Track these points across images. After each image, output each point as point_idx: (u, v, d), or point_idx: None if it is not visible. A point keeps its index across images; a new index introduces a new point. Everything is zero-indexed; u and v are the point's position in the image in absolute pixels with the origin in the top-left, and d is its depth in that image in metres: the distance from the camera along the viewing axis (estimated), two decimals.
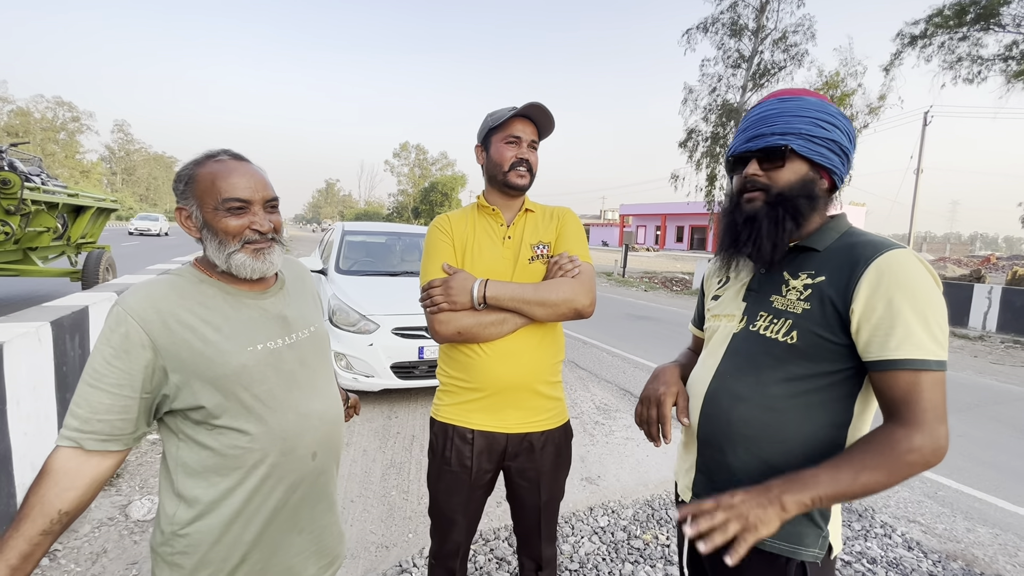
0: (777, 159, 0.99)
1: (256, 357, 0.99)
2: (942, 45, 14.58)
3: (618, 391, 5.20)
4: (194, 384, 0.94)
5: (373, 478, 3.10)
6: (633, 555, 2.47)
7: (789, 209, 0.98)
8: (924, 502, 3.21)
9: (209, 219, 0.99)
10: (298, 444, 1.04)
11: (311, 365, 1.11)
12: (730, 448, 1.00)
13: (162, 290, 0.96)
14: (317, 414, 1.08)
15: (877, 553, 2.59)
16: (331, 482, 1.16)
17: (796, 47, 17.37)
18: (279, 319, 1.07)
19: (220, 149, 1.04)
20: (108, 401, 0.89)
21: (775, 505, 0.82)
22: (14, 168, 5.89)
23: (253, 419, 0.98)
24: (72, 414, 0.89)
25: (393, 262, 5.47)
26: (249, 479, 0.99)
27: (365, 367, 4.04)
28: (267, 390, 1.00)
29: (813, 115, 0.98)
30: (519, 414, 1.46)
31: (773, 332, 0.98)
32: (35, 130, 50.52)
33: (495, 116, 1.48)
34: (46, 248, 7.28)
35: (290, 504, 1.05)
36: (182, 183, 1.01)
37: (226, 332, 0.98)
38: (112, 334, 0.90)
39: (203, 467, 0.97)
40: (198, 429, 0.97)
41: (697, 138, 19.08)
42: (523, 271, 1.47)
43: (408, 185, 54.63)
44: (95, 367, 0.89)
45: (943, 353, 0.86)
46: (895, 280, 0.87)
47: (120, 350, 0.89)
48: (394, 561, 2.34)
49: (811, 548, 0.94)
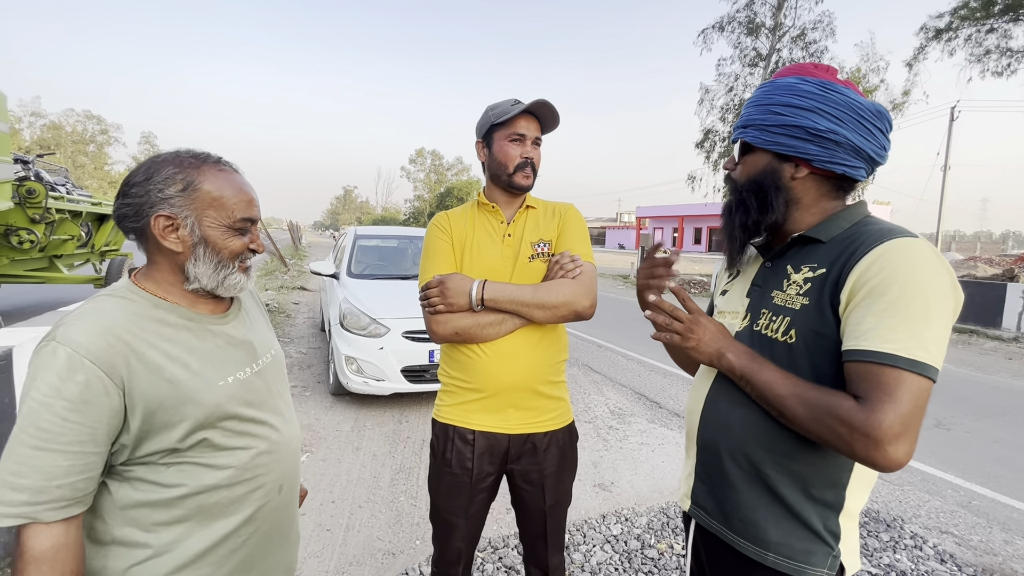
0: (744, 151, 0.99)
1: (228, 391, 0.89)
2: (968, 38, 14.15)
3: (633, 395, 5.09)
4: (159, 432, 0.82)
5: (382, 483, 3.07)
6: (647, 565, 2.38)
7: (740, 204, 0.98)
8: (958, 512, 3.05)
9: (212, 236, 0.88)
10: (267, 479, 0.95)
11: (276, 392, 1.02)
12: (728, 455, 0.94)
13: (116, 320, 0.81)
14: (285, 444, 0.99)
15: (907, 566, 2.46)
16: (293, 516, 1.05)
17: (815, 44, 17.05)
18: (244, 345, 0.97)
19: (206, 152, 0.93)
20: (66, 463, 0.74)
21: (718, 351, 0.93)
22: (40, 178, 6.07)
23: (222, 457, 0.88)
24: (11, 486, 0.72)
25: (405, 266, 5.48)
26: (214, 522, 0.88)
27: (376, 371, 4.02)
28: (238, 425, 0.90)
29: (773, 100, 0.93)
30: (520, 414, 1.41)
31: (772, 331, 0.91)
32: (66, 143, 52.36)
33: (497, 112, 1.42)
34: (71, 256, 7.48)
35: (248, 542, 0.94)
36: (174, 186, 0.86)
37: (194, 368, 0.86)
38: (64, 384, 0.74)
39: (157, 509, 0.85)
40: (156, 469, 0.85)
41: (714, 138, 18.83)
42: (523, 270, 1.43)
43: (424, 191, 55.12)
44: (39, 426, 0.73)
45: (925, 355, 0.74)
46: (890, 265, 0.78)
47: (79, 402, 0.74)
48: (400, 568, 2.29)
49: (819, 568, 0.87)
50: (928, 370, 0.74)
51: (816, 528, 0.87)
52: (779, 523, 0.89)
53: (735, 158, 1.02)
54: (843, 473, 0.87)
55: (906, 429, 0.73)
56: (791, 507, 0.88)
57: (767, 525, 0.89)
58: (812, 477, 0.87)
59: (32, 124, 52.58)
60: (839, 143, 0.88)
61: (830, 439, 0.78)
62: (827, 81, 0.90)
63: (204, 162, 0.90)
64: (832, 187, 0.94)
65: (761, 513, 0.90)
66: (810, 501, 0.87)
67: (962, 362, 7.20)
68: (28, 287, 8.33)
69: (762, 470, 0.90)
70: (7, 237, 5.54)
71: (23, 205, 5.54)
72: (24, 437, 0.73)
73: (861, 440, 0.74)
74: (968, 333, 9.12)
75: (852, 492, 0.88)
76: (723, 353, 0.93)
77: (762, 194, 0.95)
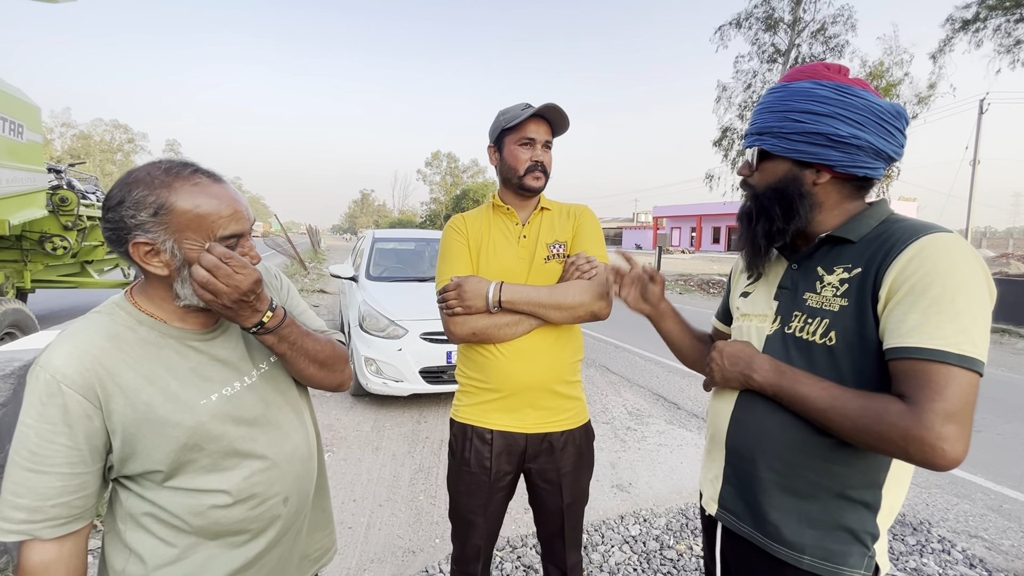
0: (762, 157, 0.98)
1: (211, 410, 0.86)
2: (998, 28, 13.70)
3: (651, 396, 5.06)
4: (140, 454, 0.82)
5: (401, 482, 3.11)
6: (666, 566, 2.37)
7: (762, 211, 0.97)
8: (987, 515, 2.96)
9: (194, 257, 0.82)
10: (269, 494, 0.92)
11: (275, 403, 0.97)
12: (762, 459, 0.93)
13: (94, 343, 0.80)
14: (287, 456, 0.96)
15: (934, 570, 2.40)
16: (303, 525, 1.03)
17: (836, 38, 16.69)
18: (230, 360, 0.93)
19: (181, 162, 0.86)
20: (59, 484, 0.76)
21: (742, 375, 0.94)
22: (72, 187, 6.28)
23: (212, 480, 0.86)
24: (11, 505, 0.74)
25: (422, 268, 5.53)
26: (226, 540, 0.88)
27: (394, 372, 4.08)
28: (227, 446, 0.87)
29: (790, 107, 0.91)
30: (538, 414, 1.43)
31: (809, 334, 0.90)
32: (95, 152, 54.08)
33: (507, 116, 1.45)
34: (101, 261, 7.72)
35: (266, 559, 0.94)
36: (145, 211, 0.80)
37: (173, 388, 0.83)
38: (46, 408, 0.75)
39: (157, 525, 0.85)
40: (149, 488, 0.85)
41: (732, 136, 18.56)
42: (539, 271, 1.44)
43: (440, 193, 55.46)
44: (30, 448, 0.75)
45: (973, 349, 0.74)
46: (929, 261, 0.77)
47: (62, 424, 0.75)
48: (420, 566, 2.32)
49: (855, 569, 0.86)
50: (977, 364, 0.74)
51: (853, 529, 0.86)
52: (815, 525, 0.88)
53: (751, 164, 1.01)
54: (880, 473, 0.86)
55: (961, 426, 0.73)
56: (828, 509, 0.88)
57: (803, 528, 0.89)
58: (850, 478, 0.86)
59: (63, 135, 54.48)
60: (861, 147, 0.88)
61: (881, 446, 0.77)
62: (843, 84, 0.89)
63: (176, 177, 0.82)
64: (853, 188, 0.94)
65: (796, 516, 0.90)
66: (848, 502, 0.87)
67: (994, 362, 6.98)
68: (61, 292, 8.64)
69: (799, 473, 0.89)
70: (42, 244, 5.75)
71: (56, 213, 5.75)
72: (18, 459, 0.75)
73: (916, 443, 0.73)
74: (1000, 332, 8.82)
75: (889, 491, 0.87)
76: (749, 376, 0.92)
77: (786, 202, 0.93)
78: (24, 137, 4.84)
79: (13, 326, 4.28)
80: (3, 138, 4.48)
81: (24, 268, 5.85)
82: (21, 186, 4.78)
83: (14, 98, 4.74)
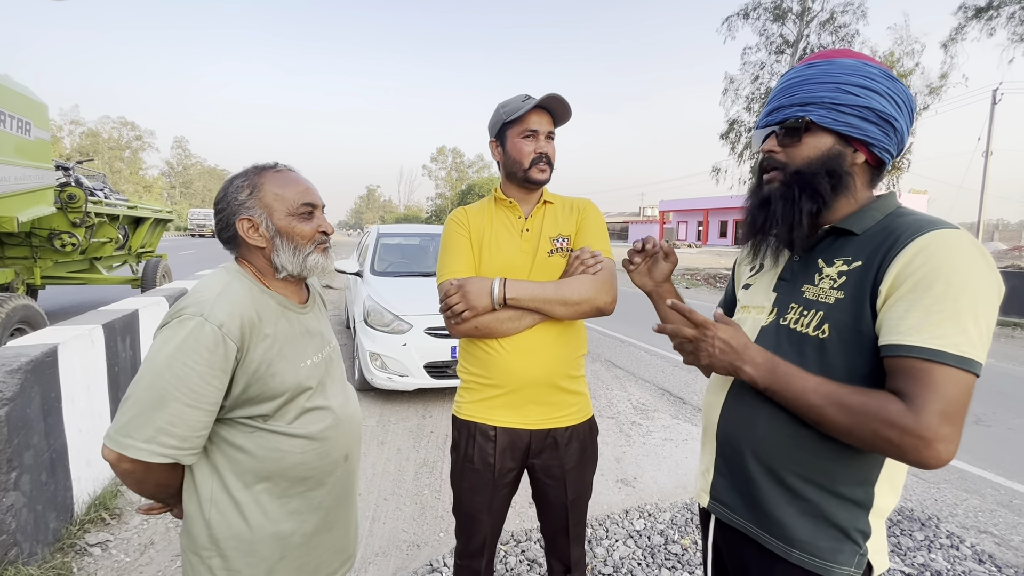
0: (796, 133, 0.91)
1: (307, 372, 1.06)
2: (1012, 16, 13.47)
3: (656, 390, 5.04)
4: (252, 400, 0.98)
5: (406, 477, 3.13)
6: (670, 560, 2.37)
7: (806, 189, 0.90)
8: (997, 511, 2.93)
9: (282, 226, 1.03)
10: (334, 449, 1.10)
11: (336, 375, 1.18)
12: (750, 452, 0.93)
13: (245, 301, 0.98)
14: (348, 417, 1.15)
15: (943, 566, 2.38)
16: (356, 480, 1.23)
17: (845, 28, 16.51)
18: (317, 334, 1.14)
19: (268, 162, 1.10)
20: (206, 419, 0.93)
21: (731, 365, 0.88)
22: (80, 184, 6.33)
23: (302, 429, 1.03)
24: (166, 432, 0.89)
25: (427, 263, 5.53)
26: (297, 485, 1.04)
27: (399, 367, 4.09)
28: (314, 401, 1.06)
29: (841, 79, 0.88)
30: (541, 410, 1.42)
31: (803, 326, 0.89)
32: (103, 149, 54.46)
33: (508, 109, 1.43)
34: (109, 257, 7.80)
35: (325, 505, 1.10)
36: (244, 192, 1.04)
37: (287, 351, 1.03)
38: (212, 355, 0.91)
39: (250, 473, 1.00)
40: (239, 432, 1.00)
41: (739, 129, 18.41)
42: (542, 265, 1.43)
43: (446, 188, 55.43)
44: (192, 387, 0.89)
45: (972, 351, 0.73)
46: (934, 258, 0.76)
47: (219, 370, 0.92)
48: (425, 560, 2.33)
49: (845, 566, 0.85)
50: (975, 366, 0.73)
51: (844, 526, 0.85)
52: (805, 521, 0.87)
53: (778, 139, 0.95)
54: (872, 470, 0.85)
55: (956, 427, 0.73)
56: (818, 505, 0.86)
57: (792, 522, 0.88)
58: (841, 475, 0.85)
59: (72, 132, 54.86)
60: (896, 130, 0.88)
61: (876, 443, 0.76)
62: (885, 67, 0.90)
63: (264, 169, 1.07)
64: (872, 176, 0.92)
65: (786, 510, 0.89)
66: (838, 499, 0.86)
67: (1004, 357, 6.90)
68: (70, 288, 8.72)
69: (788, 468, 0.88)
70: (51, 241, 5.81)
71: (65, 210, 5.80)
72: (178, 395, 0.89)
73: (912, 442, 0.73)
74: (1011, 327, 8.72)
75: (881, 489, 0.86)
76: (739, 367, 0.88)
77: (835, 178, 0.89)
78: (32, 135, 4.87)
79: (23, 322, 4.32)
80: (11, 135, 4.52)
81: (34, 264, 5.91)
82: (29, 183, 4.82)
83: (21, 96, 4.77)
